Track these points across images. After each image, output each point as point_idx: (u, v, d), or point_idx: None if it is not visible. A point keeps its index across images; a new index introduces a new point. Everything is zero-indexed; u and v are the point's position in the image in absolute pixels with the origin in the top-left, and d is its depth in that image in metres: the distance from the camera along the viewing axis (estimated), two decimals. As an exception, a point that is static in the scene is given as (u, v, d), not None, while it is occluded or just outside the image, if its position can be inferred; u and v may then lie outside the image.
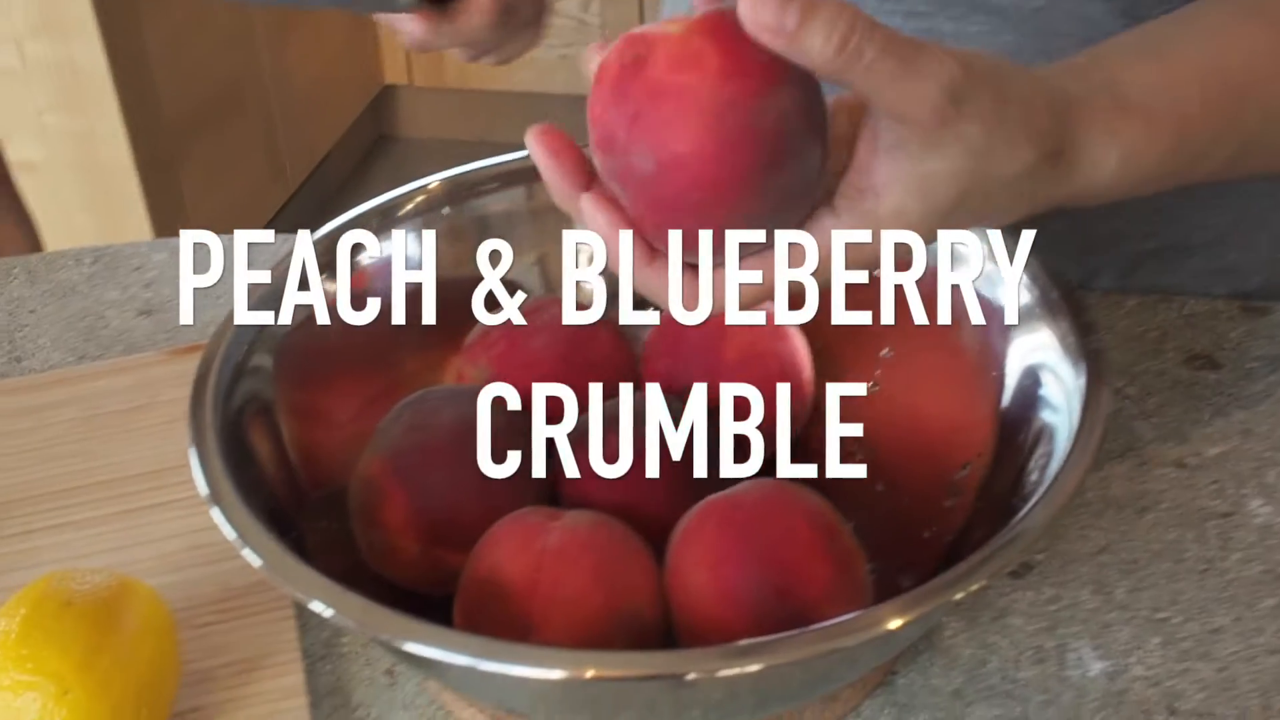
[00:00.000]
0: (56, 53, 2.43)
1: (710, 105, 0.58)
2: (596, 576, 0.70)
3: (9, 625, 0.71)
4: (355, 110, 3.37)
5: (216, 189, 2.80)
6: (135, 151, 2.53)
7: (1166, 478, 0.89)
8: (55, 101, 2.48)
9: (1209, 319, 0.99)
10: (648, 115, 0.59)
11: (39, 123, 2.46)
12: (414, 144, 3.52)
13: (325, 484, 0.81)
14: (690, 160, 0.59)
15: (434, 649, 0.62)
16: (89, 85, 2.45)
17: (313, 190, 3.19)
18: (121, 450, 0.95)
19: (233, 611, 0.84)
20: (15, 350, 1.06)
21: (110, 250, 1.15)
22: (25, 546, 0.89)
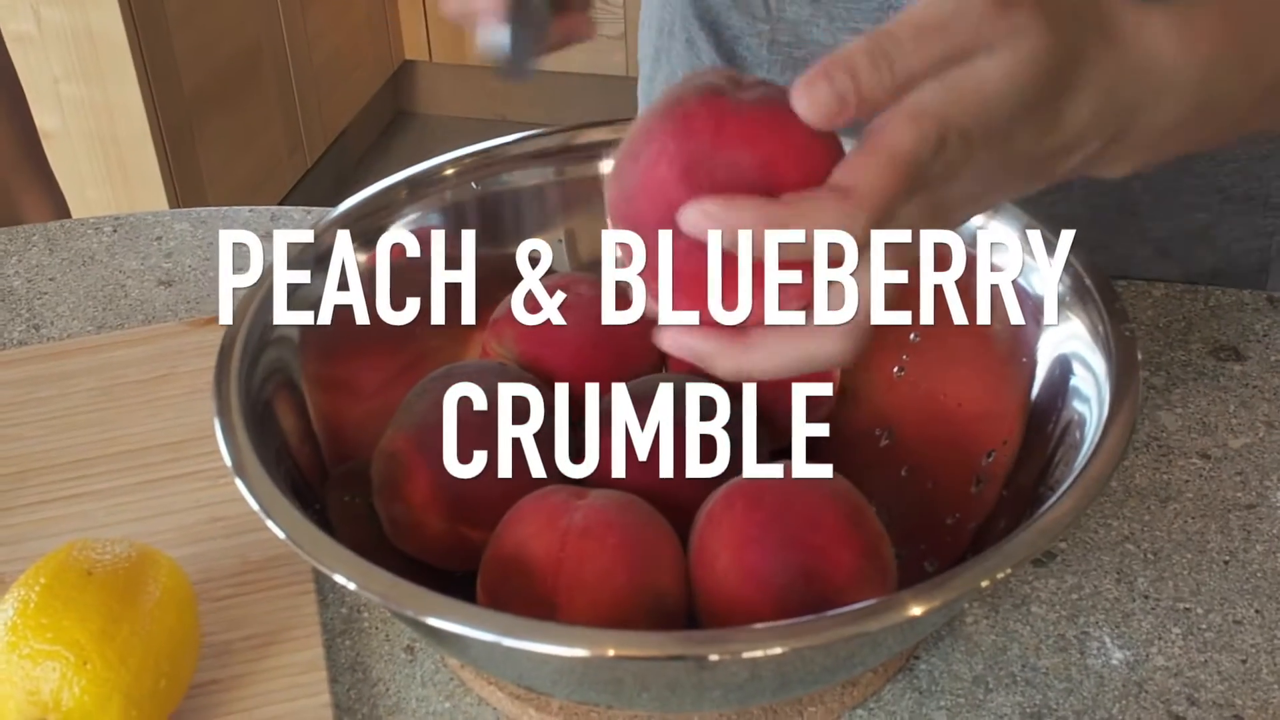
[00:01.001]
0: (74, 20, 2.42)
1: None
2: (621, 556, 0.69)
3: (29, 594, 0.71)
4: (374, 85, 3.36)
5: (234, 161, 2.80)
6: (152, 122, 2.53)
7: (1190, 468, 0.88)
8: (72, 70, 2.47)
9: (1235, 310, 0.99)
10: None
11: (55, 91, 2.46)
12: (432, 120, 3.52)
13: (348, 457, 0.81)
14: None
15: (459, 625, 0.62)
16: (106, 54, 2.45)
17: (330, 164, 3.19)
18: (141, 420, 0.95)
19: (252, 585, 0.83)
20: (34, 318, 1.06)
21: (130, 219, 1.15)
22: (44, 515, 0.89)
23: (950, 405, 0.83)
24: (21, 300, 1.07)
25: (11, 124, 1.48)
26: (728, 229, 0.58)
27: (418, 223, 0.87)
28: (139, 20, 2.44)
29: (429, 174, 0.87)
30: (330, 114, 3.15)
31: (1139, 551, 0.83)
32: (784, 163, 0.60)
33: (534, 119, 3.29)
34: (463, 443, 0.75)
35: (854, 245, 0.58)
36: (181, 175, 2.62)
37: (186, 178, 2.64)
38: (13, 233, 1.14)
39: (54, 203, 1.51)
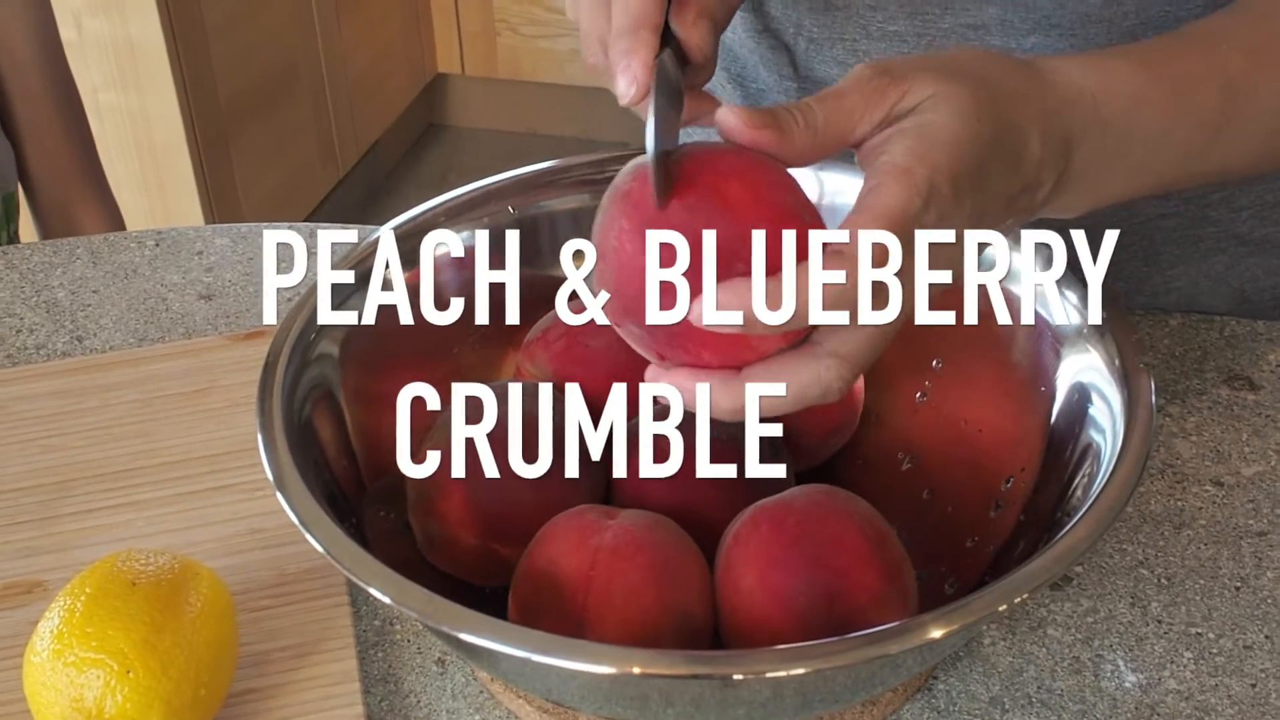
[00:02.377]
0: (114, 29, 2.46)
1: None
2: (650, 575, 0.72)
3: (74, 603, 0.73)
4: (407, 98, 3.39)
5: (267, 171, 2.83)
6: (188, 131, 2.56)
7: (1204, 495, 0.90)
8: (111, 78, 2.50)
9: (1249, 340, 1.00)
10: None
11: (94, 100, 2.49)
12: (463, 133, 3.54)
13: (385, 473, 0.83)
14: None
15: (492, 641, 0.64)
16: (145, 63, 2.48)
17: (362, 175, 3.22)
18: (182, 433, 0.97)
19: (288, 596, 0.86)
20: (78, 329, 1.08)
21: (172, 233, 1.17)
22: (87, 525, 0.91)
23: (971, 431, 0.85)
24: (66, 312, 1.10)
25: (71, 141, 1.51)
26: (741, 310, 0.62)
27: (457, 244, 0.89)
28: (178, 31, 2.47)
29: (467, 197, 0.89)
30: (363, 126, 3.18)
31: (1153, 576, 0.85)
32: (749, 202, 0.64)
33: (564, 133, 3.31)
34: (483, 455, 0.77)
35: (854, 302, 0.62)
36: (215, 183, 2.65)
37: (220, 186, 2.67)
38: (58, 245, 1.17)
39: (110, 217, 1.54)
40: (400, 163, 3.43)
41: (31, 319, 1.09)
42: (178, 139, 2.56)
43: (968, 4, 0.91)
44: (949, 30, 0.93)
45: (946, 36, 0.93)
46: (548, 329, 0.86)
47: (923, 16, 0.93)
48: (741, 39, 1.02)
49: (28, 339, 1.07)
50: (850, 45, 0.96)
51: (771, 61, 1.01)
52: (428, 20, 3.37)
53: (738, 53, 1.04)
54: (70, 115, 1.52)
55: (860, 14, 0.94)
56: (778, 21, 0.98)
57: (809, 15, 0.96)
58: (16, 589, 0.87)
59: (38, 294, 1.12)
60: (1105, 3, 0.90)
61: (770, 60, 1.01)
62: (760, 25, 1.00)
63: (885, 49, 0.95)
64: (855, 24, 0.95)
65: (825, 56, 0.98)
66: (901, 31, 0.94)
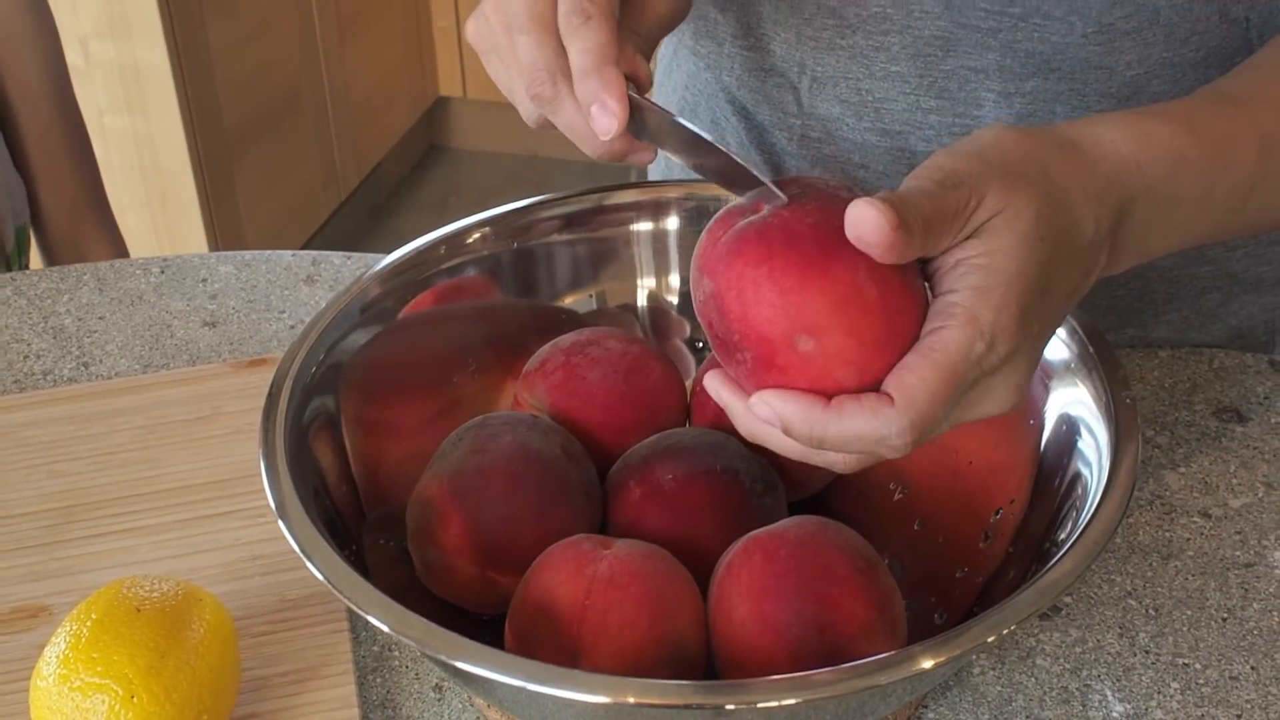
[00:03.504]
0: (120, 54, 2.48)
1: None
2: (644, 605, 0.73)
3: (80, 628, 0.75)
4: (409, 121, 3.41)
5: (270, 193, 2.85)
6: (193, 153, 2.58)
7: (1191, 526, 0.91)
8: (116, 102, 2.52)
9: (1238, 373, 1.02)
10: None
11: (99, 123, 2.51)
12: (464, 155, 3.56)
13: (384, 501, 0.84)
14: None
15: (488, 670, 0.65)
16: (151, 87, 2.50)
17: (364, 197, 3.24)
18: (185, 459, 0.99)
19: (289, 622, 0.87)
20: (84, 355, 1.10)
21: (177, 260, 1.19)
22: (91, 550, 0.93)
23: (962, 463, 0.86)
24: (72, 338, 1.11)
25: (80, 174, 1.53)
26: (780, 420, 0.65)
27: (455, 275, 0.91)
28: (184, 55, 2.49)
29: (467, 230, 0.91)
30: (365, 148, 3.20)
31: (1141, 607, 0.87)
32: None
33: (564, 155, 3.33)
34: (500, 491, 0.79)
35: (895, 447, 0.65)
36: (219, 205, 2.67)
37: (224, 208, 2.69)
38: (65, 272, 1.18)
39: (116, 250, 1.56)
40: (401, 185, 3.45)
41: (39, 345, 1.11)
42: (182, 161, 2.58)
43: (969, 48, 0.93)
44: (950, 72, 0.94)
45: (948, 79, 0.94)
46: (545, 360, 0.88)
47: (925, 59, 0.94)
48: (745, 77, 1.04)
49: (35, 365, 1.09)
50: (854, 85, 0.98)
51: (776, 99, 1.03)
52: (430, 44, 3.40)
53: (741, 90, 1.05)
54: (79, 147, 1.53)
55: (864, 55, 0.96)
56: (782, 60, 1.00)
57: (812, 55, 0.98)
58: (22, 613, 0.88)
59: (45, 320, 1.13)
60: (1105, 50, 0.91)
61: (775, 98, 1.03)
62: (765, 64, 1.01)
63: (888, 89, 0.96)
64: (859, 64, 0.96)
65: (828, 95, 0.99)
66: (904, 73, 0.95)
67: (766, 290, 0.64)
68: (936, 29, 0.93)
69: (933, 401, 0.64)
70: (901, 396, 0.64)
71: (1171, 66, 0.92)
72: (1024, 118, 0.95)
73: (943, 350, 0.64)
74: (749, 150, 1.08)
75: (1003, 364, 0.65)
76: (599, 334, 0.88)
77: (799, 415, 0.65)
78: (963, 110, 0.96)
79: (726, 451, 0.81)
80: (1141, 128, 0.74)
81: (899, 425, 0.64)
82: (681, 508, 0.80)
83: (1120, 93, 0.93)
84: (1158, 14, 0.89)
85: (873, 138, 1.00)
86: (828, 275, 0.64)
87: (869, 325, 0.64)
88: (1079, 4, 0.89)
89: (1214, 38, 0.91)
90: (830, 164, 1.03)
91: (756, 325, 0.65)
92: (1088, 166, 0.71)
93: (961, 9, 0.91)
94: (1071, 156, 0.71)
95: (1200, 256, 1.03)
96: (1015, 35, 0.91)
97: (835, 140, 1.01)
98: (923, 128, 0.98)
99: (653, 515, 0.80)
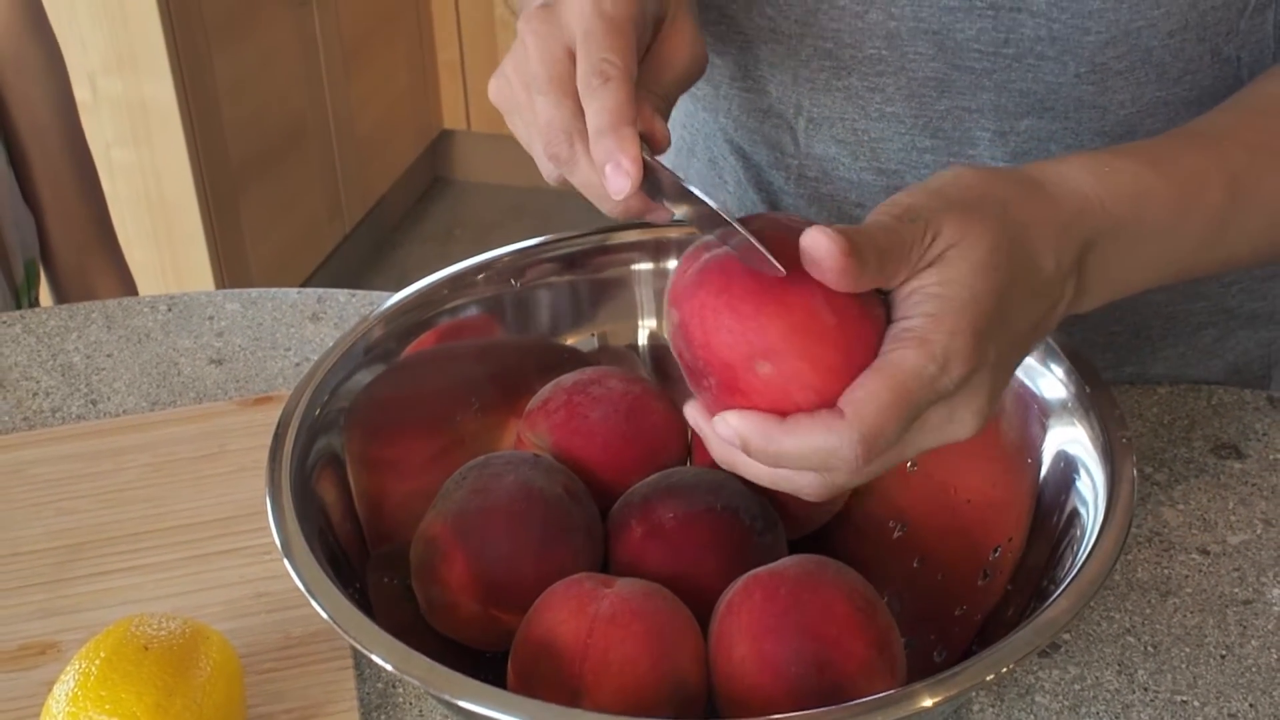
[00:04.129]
0: (128, 89, 2.50)
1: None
2: (646, 643, 0.74)
3: (89, 666, 0.76)
4: (413, 154, 3.43)
5: (276, 225, 2.86)
6: (199, 187, 2.59)
7: (1190, 563, 0.92)
8: (123, 135, 2.54)
9: (1236, 409, 1.03)
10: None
11: (106, 156, 2.52)
12: (468, 187, 3.58)
13: (389, 538, 0.85)
14: None
15: (490, 709, 0.66)
16: (158, 122, 2.52)
17: (368, 229, 3.25)
18: (191, 497, 1.00)
19: (294, 659, 0.88)
20: (92, 393, 1.11)
21: (184, 298, 1.20)
22: (98, 588, 0.93)
23: (960, 501, 0.87)
24: (80, 375, 1.12)
25: (88, 206, 1.54)
26: (739, 439, 0.67)
27: (458, 315, 0.92)
28: (190, 90, 2.51)
29: (470, 271, 0.92)
30: (370, 181, 3.21)
31: (1139, 644, 0.87)
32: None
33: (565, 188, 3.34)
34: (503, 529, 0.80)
35: (846, 460, 0.66)
36: (224, 238, 2.68)
37: (229, 240, 2.70)
38: (74, 309, 1.19)
39: (123, 282, 1.57)
40: (406, 217, 3.46)
41: (47, 382, 1.12)
42: (188, 194, 2.59)
43: (963, 88, 0.94)
44: (945, 112, 0.95)
45: (943, 119, 0.95)
46: (548, 399, 0.89)
47: (919, 99, 0.95)
48: (743, 118, 1.05)
49: (44, 402, 1.10)
50: (850, 125, 0.99)
51: (773, 140, 1.04)
52: (434, 77, 3.41)
53: (739, 131, 1.07)
54: (86, 181, 1.55)
55: (859, 95, 0.97)
56: (778, 101, 1.01)
57: (809, 96, 0.99)
58: (31, 650, 0.89)
59: (54, 358, 1.14)
60: (1098, 90, 0.92)
61: (772, 138, 1.04)
62: (762, 105, 1.02)
63: (883, 129, 0.97)
64: (854, 105, 0.98)
65: (825, 136, 1.00)
66: (899, 113, 0.96)
67: (726, 318, 0.67)
68: (931, 70, 0.94)
69: (882, 416, 0.65)
70: (852, 410, 0.65)
71: (1165, 105, 0.93)
72: (1019, 157, 0.96)
73: (894, 368, 0.66)
74: (746, 190, 1.09)
75: (960, 388, 0.67)
76: (601, 373, 0.89)
77: (756, 432, 0.67)
78: (958, 150, 0.97)
79: (726, 490, 0.82)
80: (1106, 165, 0.75)
81: (849, 438, 0.65)
82: (682, 546, 0.81)
83: (1114, 131, 0.94)
84: (1150, 54, 0.90)
85: (869, 177, 1.01)
86: (783, 303, 0.66)
87: (825, 350, 0.66)
88: (1072, 44, 0.90)
89: (1206, 77, 0.92)
90: (827, 203, 1.04)
91: (718, 351, 0.67)
92: (1049, 203, 0.72)
93: (955, 50, 0.92)
94: (1032, 194, 0.72)
95: (1196, 292, 1.04)
96: (1009, 75, 0.93)
97: (832, 180, 1.02)
98: (918, 167, 0.99)
99: (654, 554, 0.81)
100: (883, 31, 0.94)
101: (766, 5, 0.96)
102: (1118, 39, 0.89)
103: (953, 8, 0.91)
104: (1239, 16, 0.89)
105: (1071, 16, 0.89)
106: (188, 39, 2.50)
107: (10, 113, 1.47)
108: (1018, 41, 0.91)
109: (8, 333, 1.17)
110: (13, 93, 1.46)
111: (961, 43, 0.92)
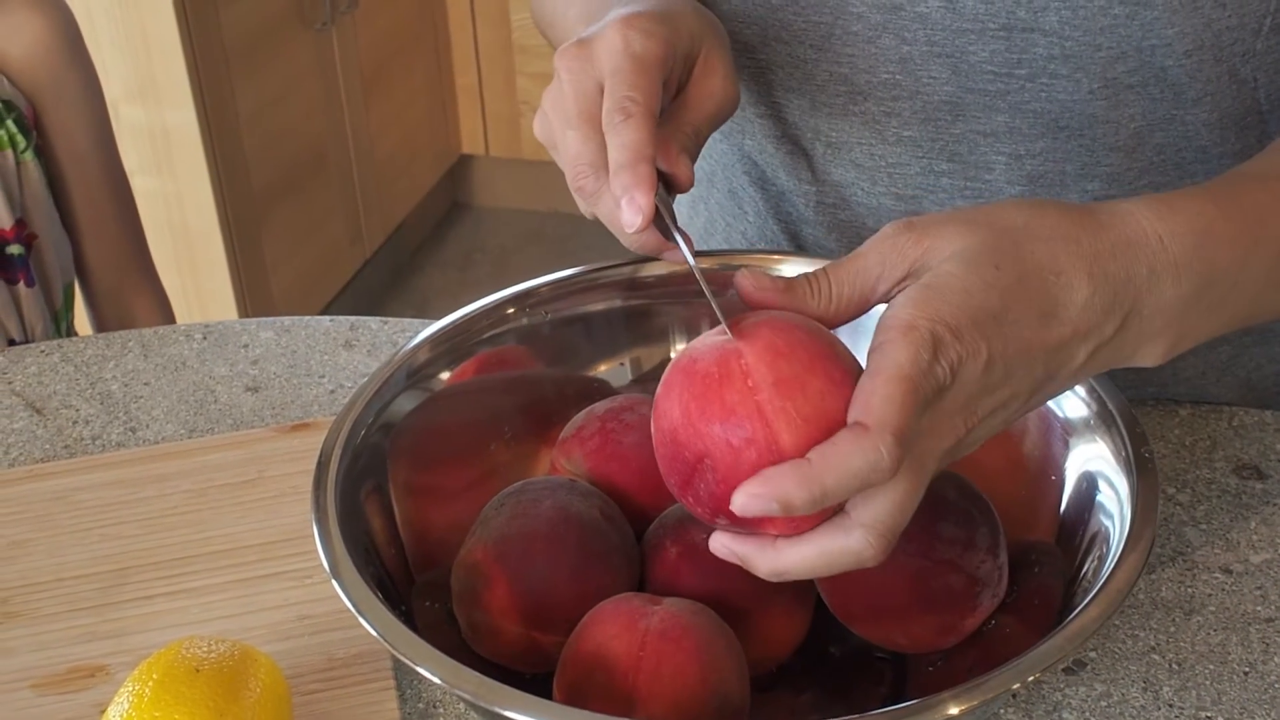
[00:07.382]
0: (150, 117, 2.53)
1: None
2: (695, 657, 0.76)
3: (142, 688, 0.78)
4: (432, 179, 3.46)
5: (297, 251, 2.89)
6: (221, 213, 2.62)
7: (1213, 582, 0.94)
8: (146, 163, 2.57)
9: (1257, 430, 1.04)
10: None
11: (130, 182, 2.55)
12: (487, 212, 3.60)
13: (432, 564, 0.87)
14: None
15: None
16: (180, 149, 2.54)
17: (388, 255, 3.27)
18: (233, 522, 1.02)
19: (337, 681, 0.90)
20: (131, 420, 1.13)
21: (219, 327, 1.22)
22: (145, 611, 0.95)
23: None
24: (119, 404, 1.15)
25: (125, 230, 1.56)
26: (776, 500, 0.65)
27: (494, 345, 0.93)
28: (212, 118, 2.54)
29: (505, 302, 0.94)
30: (390, 206, 3.24)
31: (1164, 661, 0.89)
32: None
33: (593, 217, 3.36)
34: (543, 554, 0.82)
35: (888, 467, 0.65)
36: (247, 263, 2.71)
37: (251, 266, 2.72)
38: (110, 338, 1.22)
39: (160, 305, 1.59)
40: (425, 242, 3.48)
41: (87, 411, 1.14)
42: (210, 221, 2.62)
43: (977, 111, 0.96)
44: (960, 136, 0.97)
45: (958, 142, 0.97)
46: (582, 426, 0.90)
47: (935, 123, 0.97)
48: (761, 144, 1.07)
49: (84, 430, 1.12)
50: (867, 150, 1.01)
51: (790, 166, 1.06)
52: (453, 103, 3.44)
53: (757, 158, 1.08)
54: (123, 205, 1.57)
55: (876, 120, 0.99)
56: (796, 128, 1.03)
57: (826, 121, 1.01)
58: (80, 673, 0.91)
59: (92, 386, 1.17)
60: (1111, 105, 0.94)
61: (789, 165, 1.06)
62: (779, 131, 1.04)
63: (900, 154, 0.99)
64: (871, 130, 0.99)
65: (842, 160, 1.02)
66: (915, 137, 0.98)
67: (701, 407, 0.69)
68: (945, 94, 0.96)
69: (902, 410, 0.65)
70: (871, 417, 0.64)
71: (1181, 123, 0.95)
72: (1035, 178, 0.98)
73: (889, 361, 0.66)
74: (766, 220, 1.11)
75: (965, 363, 0.67)
76: (633, 400, 0.91)
77: (790, 479, 0.65)
78: (974, 174, 0.99)
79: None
80: (1165, 204, 0.75)
81: (885, 442, 0.64)
82: (716, 566, 0.82)
83: (1126, 145, 0.96)
84: (1165, 73, 0.92)
85: (887, 201, 1.03)
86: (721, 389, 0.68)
87: (798, 403, 0.67)
88: (1084, 61, 0.92)
89: (1225, 98, 0.93)
90: (845, 229, 1.06)
91: (713, 438, 0.68)
92: (1089, 229, 0.72)
93: (969, 73, 0.94)
94: (1071, 218, 0.73)
95: None
96: (1023, 96, 0.94)
97: (850, 205, 1.04)
98: (935, 191, 1.01)
99: (689, 574, 0.83)
100: (896, 56, 0.96)
101: (782, 30, 0.98)
102: (1128, 54, 0.91)
103: (965, 30, 0.93)
104: (1254, 37, 0.91)
105: (1084, 34, 0.91)
106: (209, 67, 2.52)
107: (50, 139, 1.49)
108: (1030, 62, 0.93)
109: (46, 361, 1.20)
110: (52, 120, 1.48)
111: (975, 65, 0.94)
